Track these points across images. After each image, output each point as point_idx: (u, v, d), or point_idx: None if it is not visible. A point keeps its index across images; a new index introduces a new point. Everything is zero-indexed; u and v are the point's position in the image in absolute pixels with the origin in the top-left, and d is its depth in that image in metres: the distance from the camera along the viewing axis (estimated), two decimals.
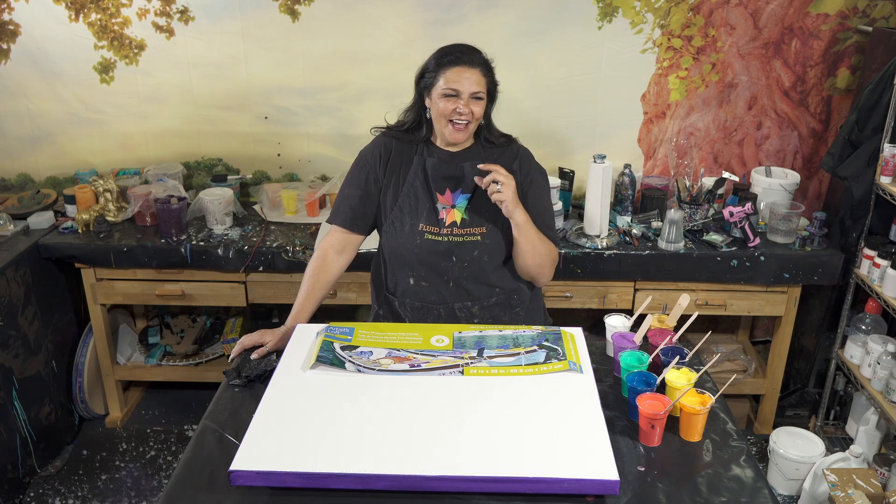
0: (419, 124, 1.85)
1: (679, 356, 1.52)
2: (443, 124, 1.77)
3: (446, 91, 1.73)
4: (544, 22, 2.81)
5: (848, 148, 2.61)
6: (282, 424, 1.35)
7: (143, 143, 3.05)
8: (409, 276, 1.87)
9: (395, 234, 1.83)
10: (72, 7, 2.81)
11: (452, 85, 1.72)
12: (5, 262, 2.54)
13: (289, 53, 2.88)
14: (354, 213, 1.85)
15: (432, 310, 1.87)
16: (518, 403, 1.42)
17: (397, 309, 1.91)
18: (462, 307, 1.87)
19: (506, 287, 1.88)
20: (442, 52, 1.76)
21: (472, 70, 1.73)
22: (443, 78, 1.73)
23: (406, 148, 1.85)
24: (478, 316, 1.88)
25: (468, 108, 1.74)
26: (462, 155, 1.84)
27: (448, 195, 1.82)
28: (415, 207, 1.82)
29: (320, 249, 1.87)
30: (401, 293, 1.89)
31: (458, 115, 1.75)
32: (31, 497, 2.62)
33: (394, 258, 1.87)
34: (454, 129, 1.77)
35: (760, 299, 2.71)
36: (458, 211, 1.82)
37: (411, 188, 1.82)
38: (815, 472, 2.48)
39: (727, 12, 2.79)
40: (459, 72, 1.72)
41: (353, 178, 1.88)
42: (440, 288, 1.85)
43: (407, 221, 1.82)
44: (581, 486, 1.24)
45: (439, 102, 1.75)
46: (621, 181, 2.81)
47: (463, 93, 1.73)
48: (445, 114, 1.75)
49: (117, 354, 3.03)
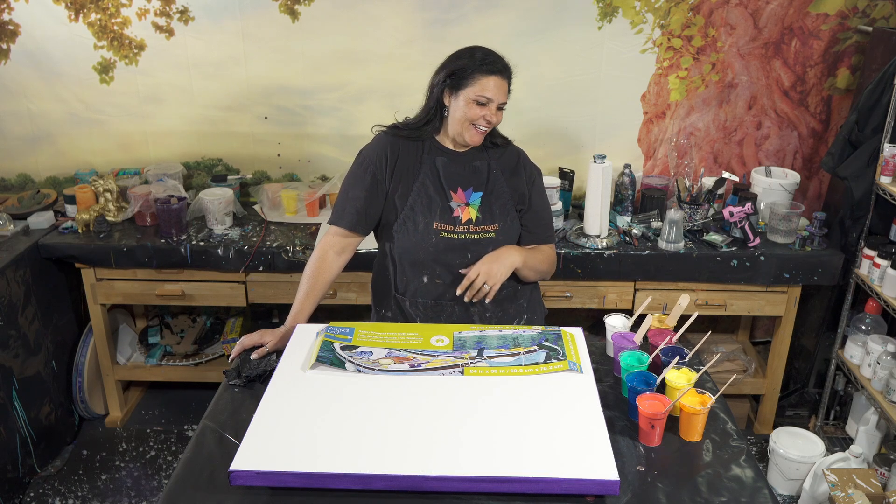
0: (431, 122, 1.85)
1: (679, 356, 1.52)
2: (465, 127, 1.79)
3: (479, 98, 1.75)
4: (544, 22, 2.81)
5: (848, 148, 2.62)
6: (282, 424, 1.35)
7: (143, 143, 3.05)
8: (422, 275, 1.87)
9: (408, 234, 1.83)
10: (72, 7, 2.81)
11: (487, 93, 1.74)
12: (5, 262, 2.54)
13: (289, 53, 2.88)
14: (358, 214, 1.85)
15: (445, 307, 1.89)
16: (518, 403, 1.42)
17: (408, 309, 1.91)
18: (475, 302, 1.89)
19: (512, 279, 1.91)
20: (482, 56, 1.76)
21: (504, 81, 1.77)
22: (478, 84, 1.74)
23: (412, 147, 1.85)
24: (489, 310, 1.91)
25: (496, 118, 1.79)
26: (468, 154, 1.87)
27: (461, 193, 1.84)
28: (427, 206, 1.82)
29: (320, 250, 1.87)
30: (412, 293, 1.89)
31: (484, 122, 1.78)
32: (31, 497, 2.62)
33: (406, 258, 1.87)
34: (477, 133, 1.80)
35: (760, 299, 2.71)
36: (472, 208, 1.84)
37: (422, 188, 1.83)
38: (815, 472, 2.48)
39: (727, 12, 2.79)
40: (496, 81, 1.75)
41: (357, 180, 1.85)
42: (454, 284, 1.86)
43: (421, 221, 1.82)
44: (581, 486, 1.24)
45: (467, 107, 1.76)
46: (621, 181, 2.81)
47: (494, 102, 1.76)
48: (473, 118, 1.77)
49: (117, 354, 3.03)
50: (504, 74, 1.77)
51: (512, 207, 1.88)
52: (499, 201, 1.86)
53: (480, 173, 1.86)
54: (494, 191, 1.85)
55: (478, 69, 1.74)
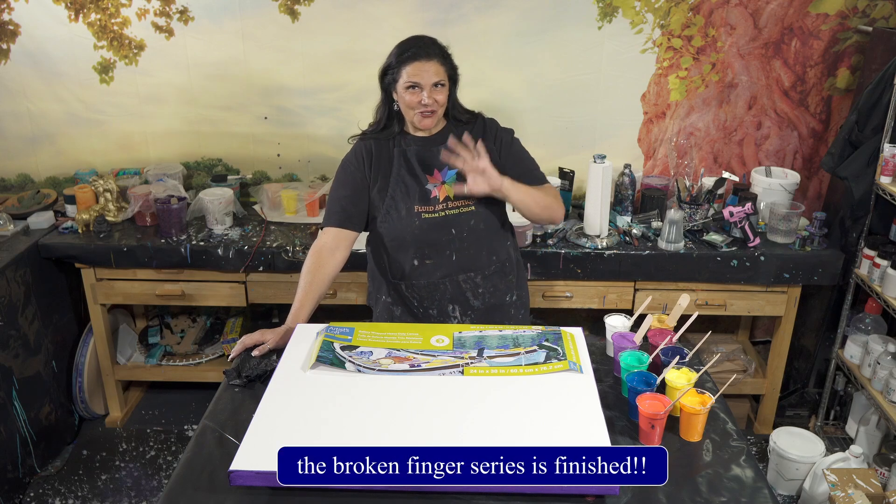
0: (390, 120, 1.95)
1: (679, 356, 1.52)
2: (411, 115, 1.89)
3: (408, 84, 1.83)
4: (544, 22, 2.81)
5: (848, 148, 2.62)
6: (282, 424, 1.35)
7: (143, 143, 3.05)
8: (412, 258, 1.95)
9: (392, 221, 1.92)
10: (71, 7, 2.81)
11: (413, 79, 1.83)
12: (5, 262, 2.54)
13: (289, 53, 2.88)
14: (346, 211, 1.92)
15: (439, 285, 1.97)
16: (518, 403, 1.42)
17: (405, 292, 2.01)
18: (466, 278, 1.98)
19: (501, 256, 2.02)
20: (400, 48, 1.86)
21: (429, 62, 1.83)
22: (404, 73, 1.83)
23: (384, 145, 1.95)
24: (481, 286, 2.00)
25: (432, 98, 1.85)
26: (437, 137, 1.95)
27: (437, 175, 1.93)
28: (406, 193, 1.91)
29: (313, 248, 1.90)
30: (407, 276, 1.98)
31: (422, 106, 1.85)
32: (31, 497, 2.62)
33: (395, 243, 1.95)
34: (423, 117, 1.88)
35: (760, 299, 2.71)
36: (448, 186, 1.92)
37: (398, 177, 1.92)
38: (815, 472, 2.48)
39: (727, 12, 2.79)
40: (418, 66, 1.82)
41: (340, 181, 1.96)
42: (443, 262, 1.95)
43: (402, 207, 1.91)
44: (581, 486, 1.24)
45: (405, 96, 1.85)
46: (621, 181, 2.81)
47: (424, 84, 1.83)
48: (412, 105, 1.86)
49: (117, 354, 3.03)
50: (427, 56, 1.82)
51: None
52: None
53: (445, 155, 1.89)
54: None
55: (399, 62, 1.84)
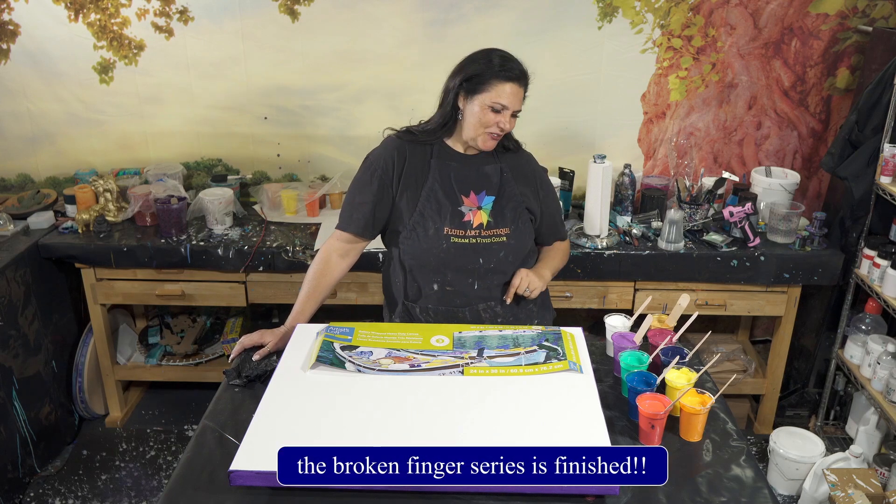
0: (444, 126, 1.80)
1: (679, 356, 1.52)
2: (479, 132, 1.75)
3: (494, 105, 1.71)
4: (544, 22, 2.81)
5: (848, 148, 2.62)
6: (282, 424, 1.36)
7: (143, 143, 3.05)
8: (432, 282, 1.84)
9: (417, 240, 1.80)
10: (71, 7, 2.81)
11: (503, 100, 1.71)
12: (5, 262, 2.54)
13: (289, 53, 2.88)
14: (367, 220, 1.82)
15: (457, 313, 1.86)
16: (518, 403, 1.42)
17: (418, 316, 1.88)
18: (486, 307, 1.87)
19: None
20: (499, 62, 1.72)
21: (520, 88, 1.74)
22: (494, 90, 1.70)
23: (421, 151, 1.81)
24: (501, 315, 1.89)
25: (509, 124, 1.75)
26: (479, 157, 1.84)
27: (473, 197, 1.81)
28: (437, 211, 1.79)
29: (324, 252, 1.85)
30: (423, 299, 1.87)
31: (497, 129, 1.74)
32: (31, 497, 2.62)
33: (416, 263, 1.83)
34: (490, 139, 1.77)
35: (760, 299, 2.71)
36: (484, 212, 1.81)
37: (431, 192, 1.79)
38: (815, 472, 2.48)
39: (727, 12, 2.79)
40: (513, 89, 1.72)
41: (364, 185, 1.81)
42: (465, 290, 1.84)
43: (430, 226, 1.78)
44: (581, 486, 1.24)
45: (481, 112, 1.72)
46: (621, 181, 2.81)
47: (509, 109, 1.73)
48: (486, 124, 1.73)
49: (117, 354, 3.03)
50: (521, 81, 1.73)
51: (523, 211, 1.85)
52: (510, 205, 1.83)
53: (492, 177, 1.83)
54: (506, 194, 1.83)
55: (495, 75, 1.70)
